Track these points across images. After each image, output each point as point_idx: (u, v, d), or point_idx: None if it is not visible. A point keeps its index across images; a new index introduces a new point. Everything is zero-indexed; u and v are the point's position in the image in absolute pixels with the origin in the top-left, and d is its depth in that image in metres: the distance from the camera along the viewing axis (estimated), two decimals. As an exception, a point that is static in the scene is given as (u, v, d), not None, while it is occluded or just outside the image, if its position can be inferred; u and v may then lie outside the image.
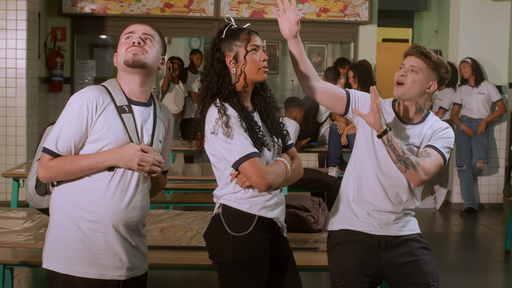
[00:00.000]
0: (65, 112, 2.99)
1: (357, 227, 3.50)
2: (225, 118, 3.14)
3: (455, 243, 8.06)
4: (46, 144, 2.97)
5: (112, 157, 2.97)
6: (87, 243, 2.99)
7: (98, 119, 2.95)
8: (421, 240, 3.55)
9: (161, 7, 10.22)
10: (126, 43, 3.12)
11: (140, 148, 3.01)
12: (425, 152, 3.42)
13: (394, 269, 3.45)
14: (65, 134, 2.95)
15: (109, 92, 3.04)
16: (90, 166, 2.96)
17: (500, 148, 9.63)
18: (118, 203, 3.01)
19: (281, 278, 3.36)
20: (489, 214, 9.35)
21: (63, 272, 2.98)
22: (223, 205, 3.25)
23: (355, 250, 3.47)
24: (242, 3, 10.31)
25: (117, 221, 3.02)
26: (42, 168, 2.97)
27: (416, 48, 3.47)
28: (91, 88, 3.02)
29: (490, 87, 9.16)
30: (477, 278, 6.41)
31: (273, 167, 3.23)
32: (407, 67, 3.46)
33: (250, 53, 3.23)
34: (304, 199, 4.43)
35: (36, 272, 6.15)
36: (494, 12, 9.46)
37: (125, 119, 3.01)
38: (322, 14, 10.43)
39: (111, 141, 2.98)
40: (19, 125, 8.60)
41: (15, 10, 8.53)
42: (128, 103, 3.06)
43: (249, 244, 3.20)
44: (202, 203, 7.25)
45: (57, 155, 2.95)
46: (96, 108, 2.95)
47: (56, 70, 10.13)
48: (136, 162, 2.99)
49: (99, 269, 3.01)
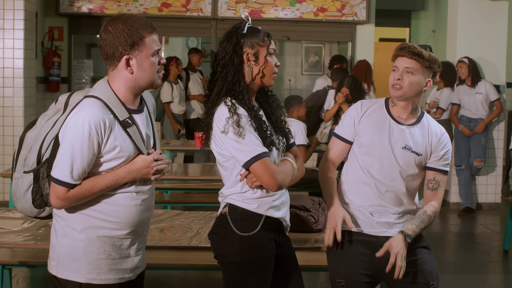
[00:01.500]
0: (72, 137, 2.85)
1: (357, 227, 3.50)
2: (236, 117, 3.12)
3: (453, 242, 8.06)
4: (59, 175, 2.86)
5: (129, 175, 2.95)
6: (107, 250, 2.98)
7: (108, 140, 2.88)
8: (421, 239, 3.55)
9: (158, 7, 10.21)
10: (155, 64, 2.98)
11: (152, 159, 2.99)
12: (435, 182, 3.53)
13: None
14: (78, 164, 2.86)
15: (108, 107, 2.91)
16: (108, 188, 2.94)
17: (498, 148, 9.63)
18: (136, 207, 3.02)
19: (284, 277, 3.36)
20: (487, 214, 9.35)
21: (84, 282, 2.96)
22: (229, 204, 3.24)
23: (354, 250, 3.47)
24: (240, 2, 10.30)
25: (135, 224, 3.03)
26: (59, 199, 2.89)
27: (407, 48, 3.44)
28: (92, 108, 2.86)
29: (488, 86, 9.16)
30: (476, 278, 6.41)
31: (282, 167, 3.23)
32: (401, 69, 3.44)
33: (270, 55, 3.24)
34: (304, 199, 4.42)
35: (34, 272, 6.13)
36: (492, 11, 9.46)
37: (131, 133, 2.95)
38: (319, 13, 10.43)
39: (124, 160, 2.94)
40: (17, 125, 8.59)
41: (13, 9, 8.52)
42: (129, 114, 2.98)
43: (255, 244, 3.19)
44: (201, 203, 7.24)
45: (74, 185, 2.89)
46: (104, 130, 2.86)
47: (53, 70, 10.12)
48: (152, 173, 3.00)
49: (117, 273, 3.01)
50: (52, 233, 3.08)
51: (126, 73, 2.95)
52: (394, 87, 3.45)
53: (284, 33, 10.57)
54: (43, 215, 3.11)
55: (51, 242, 3.07)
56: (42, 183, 2.97)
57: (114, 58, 2.94)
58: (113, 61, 2.95)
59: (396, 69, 3.46)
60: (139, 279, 3.17)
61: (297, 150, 3.45)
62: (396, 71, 3.46)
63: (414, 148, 3.48)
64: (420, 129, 3.52)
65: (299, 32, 10.69)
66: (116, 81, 2.98)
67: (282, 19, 10.40)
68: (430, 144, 3.51)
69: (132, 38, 2.90)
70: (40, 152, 2.95)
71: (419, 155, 3.48)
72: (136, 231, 3.05)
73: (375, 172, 3.48)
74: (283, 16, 10.41)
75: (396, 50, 3.48)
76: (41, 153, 2.95)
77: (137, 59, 2.94)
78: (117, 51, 2.92)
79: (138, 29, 2.92)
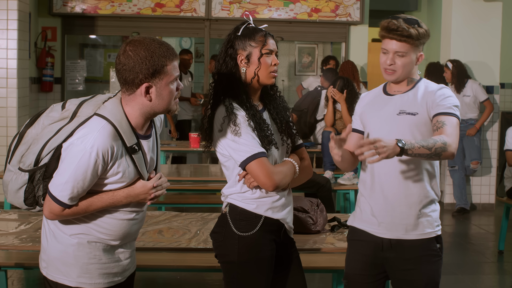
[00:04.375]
0: (78, 161, 2.79)
1: (364, 225, 3.46)
2: (232, 116, 3.14)
3: (447, 243, 8.05)
4: (58, 195, 2.84)
5: (126, 199, 2.93)
6: (97, 255, 2.97)
7: (113, 166, 2.85)
8: (430, 246, 3.41)
9: (152, 7, 10.19)
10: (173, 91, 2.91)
11: (152, 186, 2.96)
12: (438, 122, 3.22)
13: (393, 272, 3.43)
14: (79, 187, 2.83)
15: (118, 132, 2.85)
16: (104, 208, 2.93)
17: (492, 148, 9.65)
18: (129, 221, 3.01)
19: (286, 278, 3.37)
20: (481, 214, 9.37)
21: (74, 286, 2.95)
22: (230, 204, 3.25)
23: (360, 250, 3.46)
24: (234, 3, 10.29)
25: (126, 236, 3.03)
26: (53, 214, 2.88)
27: (395, 30, 3.26)
28: (102, 135, 2.79)
29: (476, 87, 9.12)
30: (471, 278, 6.42)
31: (281, 167, 3.22)
32: (391, 53, 3.30)
33: (264, 55, 3.23)
34: (302, 201, 4.42)
35: (29, 274, 6.10)
36: (486, 12, 9.48)
37: (136, 160, 2.92)
38: (313, 14, 10.43)
39: (124, 184, 2.92)
40: (10, 126, 8.55)
41: (6, 10, 8.49)
42: (137, 139, 2.93)
43: (254, 244, 3.20)
44: (195, 204, 7.22)
45: (71, 206, 2.87)
46: (111, 158, 2.82)
47: (47, 70, 10.08)
48: (149, 198, 2.98)
49: (107, 277, 3.00)
50: (42, 235, 3.07)
51: (144, 100, 2.87)
52: (387, 72, 3.34)
53: (278, 34, 10.55)
54: (33, 211, 3.09)
55: (42, 243, 3.06)
56: (36, 185, 2.95)
57: (133, 84, 2.85)
58: (131, 86, 2.85)
59: (386, 52, 3.32)
60: (128, 281, 3.16)
61: (304, 151, 3.44)
62: (387, 54, 3.32)
63: (409, 110, 3.31)
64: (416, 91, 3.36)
65: (293, 33, 10.69)
66: (130, 106, 2.90)
67: (276, 20, 10.40)
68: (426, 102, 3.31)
69: (154, 66, 2.81)
70: (40, 156, 2.91)
71: (414, 114, 3.30)
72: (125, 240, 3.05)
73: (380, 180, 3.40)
74: (277, 16, 10.40)
75: (384, 31, 3.32)
76: (40, 156, 2.91)
77: (156, 87, 2.84)
78: (137, 78, 2.82)
79: (160, 56, 2.82)
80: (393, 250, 3.39)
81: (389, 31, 3.29)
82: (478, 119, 9.21)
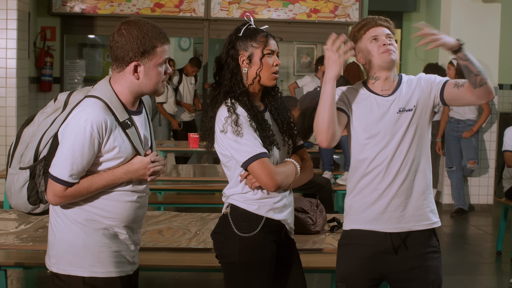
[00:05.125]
0: (73, 137, 2.86)
1: (367, 225, 3.37)
2: (234, 116, 3.14)
3: (446, 243, 8.07)
4: (58, 174, 2.88)
5: (126, 176, 2.99)
6: (107, 243, 3.00)
7: (108, 140, 2.91)
8: (431, 242, 3.40)
9: (151, 7, 10.19)
10: (161, 73, 3.02)
11: (149, 160, 3.02)
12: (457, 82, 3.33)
13: (396, 274, 3.39)
14: (79, 163, 2.88)
15: (109, 108, 2.94)
16: (105, 187, 2.97)
17: (490, 149, 9.67)
18: (132, 204, 3.05)
19: (287, 279, 3.37)
20: (479, 215, 9.38)
21: (87, 276, 2.97)
22: (231, 205, 3.25)
23: (359, 254, 3.37)
24: (233, 3, 10.30)
25: (130, 220, 3.06)
26: (57, 197, 2.92)
27: (377, 19, 3.40)
28: (94, 109, 2.88)
29: None
30: (470, 279, 6.44)
31: (282, 167, 3.22)
32: (382, 36, 3.35)
33: (266, 56, 3.24)
34: (302, 201, 4.43)
35: (28, 273, 6.11)
36: (484, 13, 9.49)
37: (130, 134, 2.98)
38: (312, 14, 10.44)
39: (122, 160, 2.98)
40: (9, 125, 8.56)
41: (6, 9, 8.50)
42: (129, 115, 3.01)
43: (255, 245, 3.20)
44: (194, 204, 7.23)
45: (72, 184, 2.91)
46: (105, 131, 2.89)
47: (46, 70, 10.09)
48: (148, 174, 3.03)
49: (118, 266, 3.03)
50: (50, 231, 3.08)
51: (132, 78, 2.98)
52: (388, 52, 3.33)
53: (277, 34, 10.30)
54: (37, 211, 3.12)
55: (49, 240, 3.08)
56: (38, 180, 2.99)
57: (122, 62, 2.96)
58: (121, 64, 2.97)
59: (378, 37, 3.36)
60: (135, 276, 3.19)
61: (305, 152, 3.44)
62: (379, 39, 3.36)
63: (408, 107, 3.32)
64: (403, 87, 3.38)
65: (292, 33, 10.70)
66: (119, 83, 3.00)
67: (275, 20, 10.40)
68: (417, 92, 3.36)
69: (144, 46, 2.93)
70: (38, 149, 2.96)
71: (411, 110, 3.31)
72: (130, 228, 3.08)
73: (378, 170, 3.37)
74: (276, 17, 10.41)
75: (369, 23, 3.40)
76: (38, 150, 2.96)
77: (145, 67, 2.96)
78: (127, 55, 2.93)
79: (152, 38, 2.94)
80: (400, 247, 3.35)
81: (374, 21, 3.40)
82: (477, 120, 9.23)
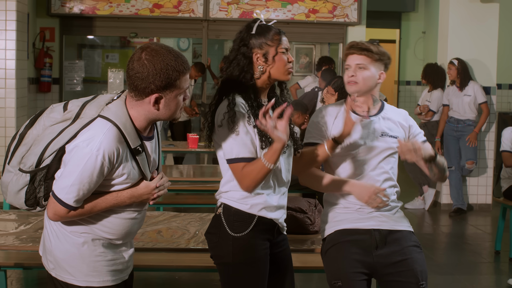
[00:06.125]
0: (84, 164, 2.80)
1: (350, 225, 3.52)
2: (232, 113, 3.15)
3: (444, 243, 8.09)
4: (64, 198, 2.85)
5: (129, 200, 2.97)
6: (102, 252, 3.00)
7: (118, 168, 2.88)
8: (412, 238, 3.58)
9: (150, 8, 10.19)
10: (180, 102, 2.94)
11: (155, 186, 3.00)
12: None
13: (385, 267, 3.48)
14: (85, 189, 2.84)
15: (123, 135, 2.86)
16: (108, 209, 2.96)
17: (489, 149, 9.68)
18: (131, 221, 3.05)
19: (279, 277, 3.40)
20: (478, 215, 9.39)
21: (83, 285, 2.98)
22: (224, 204, 3.27)
23: (348, 249, 3.48)
24: (231, 3, 10.31)
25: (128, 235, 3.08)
26: (58, 216, 2.90)
27: (355, 46, 3.54)
28: (107, 138, 2.80)
29: (477, 88, 9.17)
30: (468, 279, 6.44)
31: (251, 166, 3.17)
32: (353, 66, 3.53)
33: (280, 54, 3.26)
34: (300, 201, 4.44)
35: (28, 274, 6.11)
36: (483, 13, 9.50)
37: (139, 161, 2.94)
38: (311, 15, 10.45)
39: (129, 185, 2.96)
40: (9, 126, 8.56)
41: (5, 10, 8.50)
42: (141, 141, 2.95)
43: (249, 244, 3.22)
44: (193, 204, 7.24)
45: (76, 208, 2.89)
46: (117, 159, 2.84)
47: (45, 71, 10.08)
48: (151, 198, 3.02)
49: (114, 274, 3.04)
50: (45, 235, 3.08)
51: (151, 108, 2.88)
52: (349, 83, 3.54)
53: None
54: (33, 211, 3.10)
55: (46, 245, 3.07)
56: (37, 187, 2.95)
57: (143, 93, 2.85)
58: (141, 94, 2.86)
59: (349, 67, 3.56)
60: (130, 279, 3.20)
61: None
62: (349, 69, 3.56)
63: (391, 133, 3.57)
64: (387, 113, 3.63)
65: (291, 33, 10.59)
66: (136, 110, 2.91)
67: (274, 21, 10.38)
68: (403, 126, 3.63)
69: (168, 79, 2.82)
70: (42, 157, 2.91)
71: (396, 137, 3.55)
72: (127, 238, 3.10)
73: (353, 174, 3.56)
74: (275, 17, 10.40)
75: (346, 50, 3.60)
76: (42, 157, 2.91)
77: (166, 99, 2.87)
78: (149, 88, 2.82)
79: (175, 71, 2.81)
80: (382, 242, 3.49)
81: (350, 47, 3.58)
82: (476, 120, 9.24)
